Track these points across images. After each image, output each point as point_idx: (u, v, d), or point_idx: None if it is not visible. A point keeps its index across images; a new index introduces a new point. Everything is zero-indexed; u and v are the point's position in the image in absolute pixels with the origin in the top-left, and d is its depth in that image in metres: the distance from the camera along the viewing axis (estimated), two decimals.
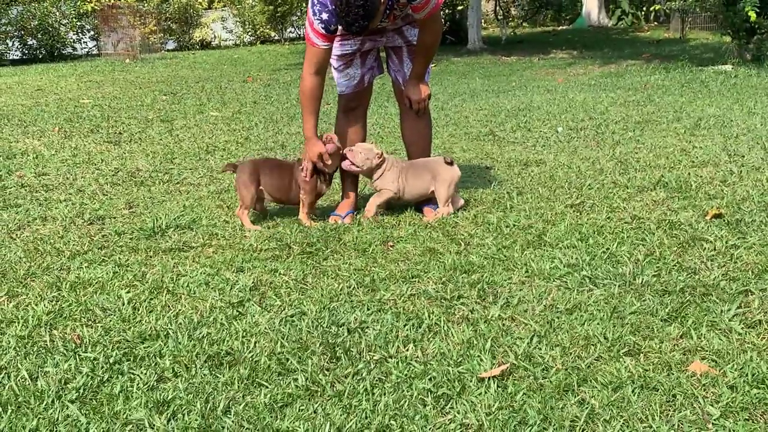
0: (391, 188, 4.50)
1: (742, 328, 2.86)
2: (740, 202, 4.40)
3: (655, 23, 24.25)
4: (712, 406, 2.36)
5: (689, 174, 5.12)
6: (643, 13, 24.69)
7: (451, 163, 4.52)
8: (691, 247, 3.75)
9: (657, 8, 16.41)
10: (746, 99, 8.46)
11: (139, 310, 3.22)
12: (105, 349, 2.85)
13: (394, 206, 4.61)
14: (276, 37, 23.44)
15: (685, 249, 3.73)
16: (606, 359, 2.67)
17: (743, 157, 5.58)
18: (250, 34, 23.64)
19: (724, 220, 4.10)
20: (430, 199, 4.64)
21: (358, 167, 4.45)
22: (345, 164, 4.46)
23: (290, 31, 23.84)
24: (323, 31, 4.18)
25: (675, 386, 2.48)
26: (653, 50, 15.81)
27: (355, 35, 4.26)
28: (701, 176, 5.06)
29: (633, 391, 2.45)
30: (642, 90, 9.75)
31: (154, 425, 2.35)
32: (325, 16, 4.12)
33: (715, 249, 3.69)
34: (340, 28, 4.20)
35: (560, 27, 26.02)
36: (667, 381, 2.51)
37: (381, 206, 4.55)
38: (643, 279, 3.34)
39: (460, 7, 20.64)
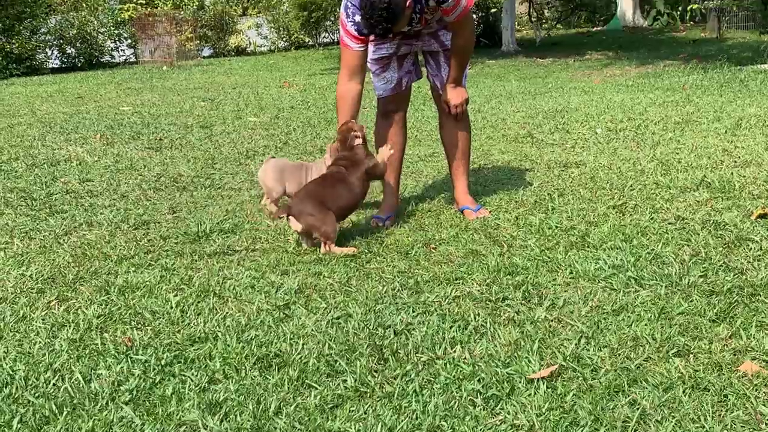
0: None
1: None
2: None
3: (691, 23, 24.00)
4: (764, 405, 2.35)
5: (732, 174, 5.08)
6: (678, 13, 24.46)
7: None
8: (737, 247, 3.72)
9: (694, 8, 16.25)
10: None
11: (187, 313, 3.26)
12: (156, 351, 2.89)
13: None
14: (310, 43, 23.54)
15: (731, 249, 3.70)
16: (655, 360, 2.66)
17: None
18: (284, 39, 23.75)
19: None
20: (469, 201, 4.66)
21: None
22: None
23: (324, 36, 23.91)
24: (356, 33, 4.21)
25: (726, 386, 2.46)
26: (690, 50, 15.65)
27: (380, 37, 4.26)
28: (744, 176, 5.01)
29: (684, 392, 2.44)
30: (680, 90, 9.67)
31: (207, 426, 2.38)
32: (358, 18, 4.15)
33: (761, 249, 3.66)
34: None
35: (594, 28, 25.84)
36: (718, 381, 2.50)
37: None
38: (689, 279, 3.33)
39: (493, 10, 20.59)
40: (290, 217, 4.01)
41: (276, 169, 4.72)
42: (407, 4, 3.99)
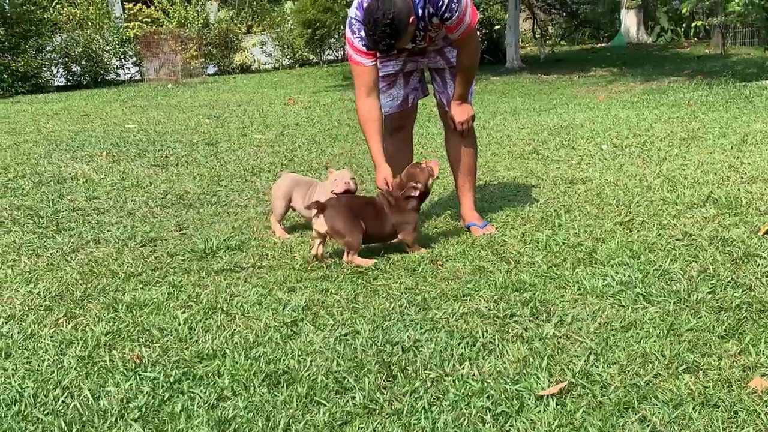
0: None
1: None
2: None
3: (695, 39, 24.06)
4: None
5: (739, 190, 5.08)
6: (682, 29, 24.52)
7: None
8: (744, 263, 3.72)
9: (698, 24, 16.29)
10: None
11: (195, 330, 3.26)
12: (164, 368, 2.89)
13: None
14: (314, 60, 23.64)
15: (738, 265, 3.70)
16: (665, 376, 2.65)
17: None
18: (288, 57, 23.86)
19: None
20: (475, 217, 4.67)
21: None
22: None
23: (328, 54, 24.00)
24: (364, 49, 4.21)
25: (736, 403, 2.46)
26: (695, 66, 15.69)
27: (384, 53, 4.26)
28: (751, 192, 5.01)
29: (694, 408, 2.43)
30: (686, 106, 9.68)
31: None
32: (364, 33, 4.16)
33: None
34: None
35: (599, 45, 25.91)
36: (728, 398, 2.49)
37: None
38: (697, 296, 3.32)
39: (497, 27, 20.66)
40: (319, 216, 4.05)
41: (290, 185, 4.75)
42: (411, 20, 4.00)
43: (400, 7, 3.92)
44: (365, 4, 4.08)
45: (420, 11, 4.09)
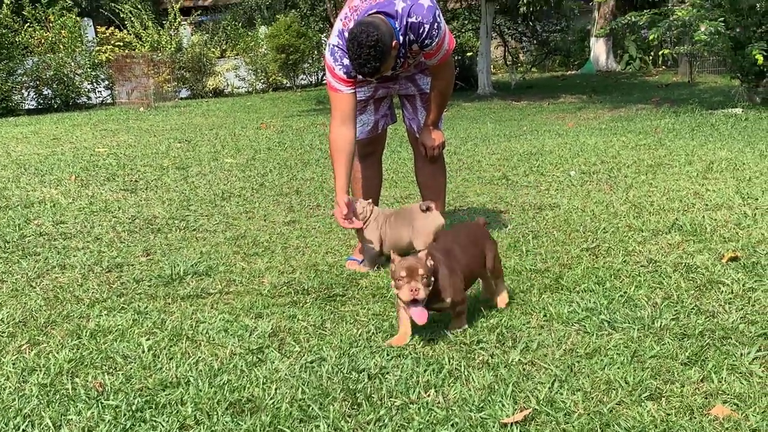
0: (372, 239, 4.41)
1: (763, 372, 2.86)
2: (756, 245, 4.41)
3: (663, 67, 24.39)
4: None
5: (704, 217, 5.13)
6: (650, 57, 24.85)
7: (427, 210, 4.29)
8: (708, 290, 3.76)
9: (666, 53, 16.50)
10: (757, 142, 8.47)
11: (159, 357, 3.24)
12: (127, 396, 2.87)
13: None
14: (288, 85, 23.68)
15: (702, 292, 3.73)
16: (628, 403, 2.67)
17: (757, 200, 5.59)
18: (262, 81, 23.88)
19: (740, 263, 4.10)
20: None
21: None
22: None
23: (302, 78, 24.08)
24: (344, 76, 4.22)
25: (698, 430, 2.48)
26: (662, 94, 15.89)
27: (369, 77, 4.26)
28: (716, 219, 5.07)
29: None
30: (653, 134, 9.79)
31: None
32: (346, 61, 4.16)
33: (732, 292, 3.70)
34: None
35: (569, 72, 26.20)
36: (689, 425, 2.51)
37: (372, 260, 4.44)
38: (661, 322, 3.35)
39: (469, 54, 20.84)
40: None
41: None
42: (393, 44, 4.02)
43: (383, 30, 3.94)
44: (346, 33, 4.10)
45: (401, 38, 4.11)
